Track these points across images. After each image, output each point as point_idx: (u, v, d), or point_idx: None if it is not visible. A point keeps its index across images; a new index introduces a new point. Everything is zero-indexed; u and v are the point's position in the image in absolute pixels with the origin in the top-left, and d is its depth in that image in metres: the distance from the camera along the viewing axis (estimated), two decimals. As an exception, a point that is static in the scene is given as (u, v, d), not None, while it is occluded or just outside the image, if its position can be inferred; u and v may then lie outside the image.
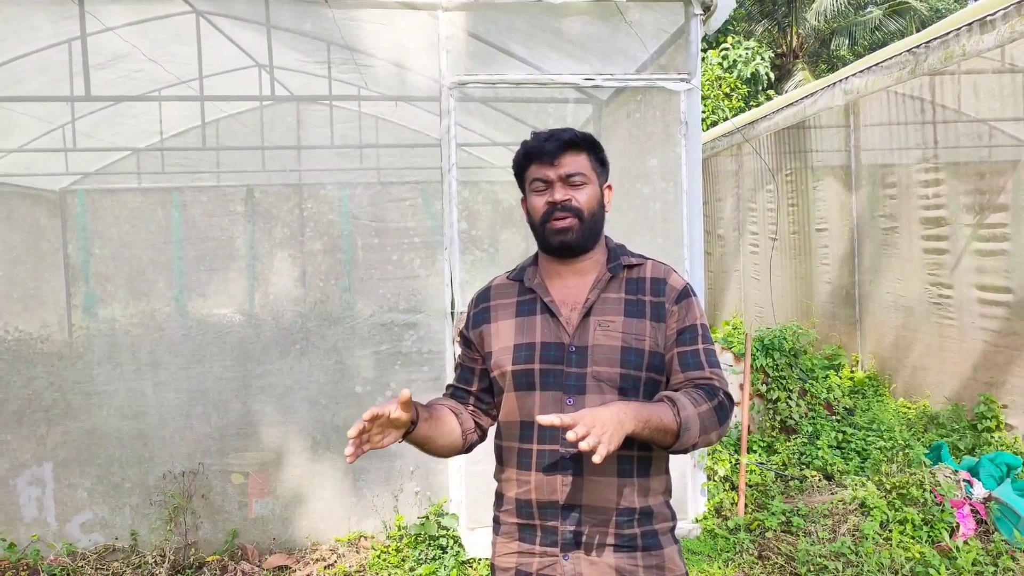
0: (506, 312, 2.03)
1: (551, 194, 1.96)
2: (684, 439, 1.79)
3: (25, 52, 5.67)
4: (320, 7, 4.55)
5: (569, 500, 1.89)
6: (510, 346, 1.97)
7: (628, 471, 1.91)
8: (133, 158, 8.40)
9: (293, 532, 4.75)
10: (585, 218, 1.96)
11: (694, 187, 4.67)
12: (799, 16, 20.24)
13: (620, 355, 1.90)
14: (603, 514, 1.89)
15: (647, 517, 1.93)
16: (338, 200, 6.11)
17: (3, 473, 4.71)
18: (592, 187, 1.98)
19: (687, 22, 4.56)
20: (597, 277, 1.99)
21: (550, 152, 1.96)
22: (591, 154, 2.01)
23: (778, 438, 5.90)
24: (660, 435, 1.76)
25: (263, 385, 4.92)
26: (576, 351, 1.91)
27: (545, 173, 1.96)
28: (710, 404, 1.85)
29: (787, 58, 20.34)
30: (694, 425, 1.79)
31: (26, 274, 7.62)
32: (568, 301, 1.98)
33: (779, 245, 9.28)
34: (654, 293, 1.97)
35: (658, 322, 1.94)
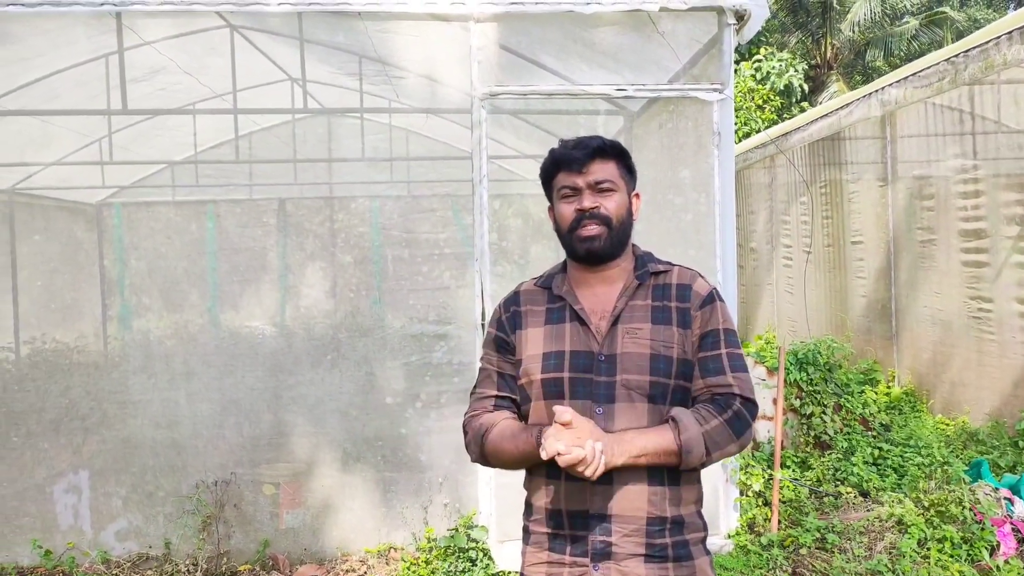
0: (535, 319, 2.01)
1: (579, 201, 1.95)
2: (688, 460, 1.82)
3: (64, 66, 5.79)
4: (353, 20, 4.59)
5: (599, 509, 1.86)
6: (539, 354, 1.96)
7: (658, 479, 1.88)
8: (168, 171, 8.53)
9: (323, 543, 4.75)
10: (613, 226, 1.94)
11: (727, 198, 4.61)
12: (833, 27, 20.06)
13: (649, 363, 1.88)
14: (633, 523, 1.86)
15: (678, 527, 1.90)
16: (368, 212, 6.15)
17: (40, 481, 4.77)
18: (620, 194, 1.97)
19: (720, 32, 4.52)
20: (625, 285, 1.98)
21: (578, 159, 1.95)
22: (619, 162, 1.99)
23: (812, 453, 5.79)
24: (662, 459, 1.82)
25: (294, 396, 4.94)
26: (605, 360, 1.90)
27: (573, 180, 1.95)
28: (720, 419, 1.85)
29: (821, 69, 20.15)
30: (696, 447, 1.82)
31: (63, 285, 7.75)
32: (597, 309, 1.96)
33: (813, 258, 9.16)
34: (680, 299, 1.96)
35: (685, 328, 1.93)
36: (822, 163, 9.15)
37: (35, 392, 4.90)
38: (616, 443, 1.78)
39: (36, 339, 6.71)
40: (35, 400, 4.85)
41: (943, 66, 5.34)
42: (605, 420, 1.86)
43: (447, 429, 4.74)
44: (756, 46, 17.38)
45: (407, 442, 4.83)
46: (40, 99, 6.10)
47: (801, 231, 9.66)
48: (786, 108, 16.72)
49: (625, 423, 1.86)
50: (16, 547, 4.69)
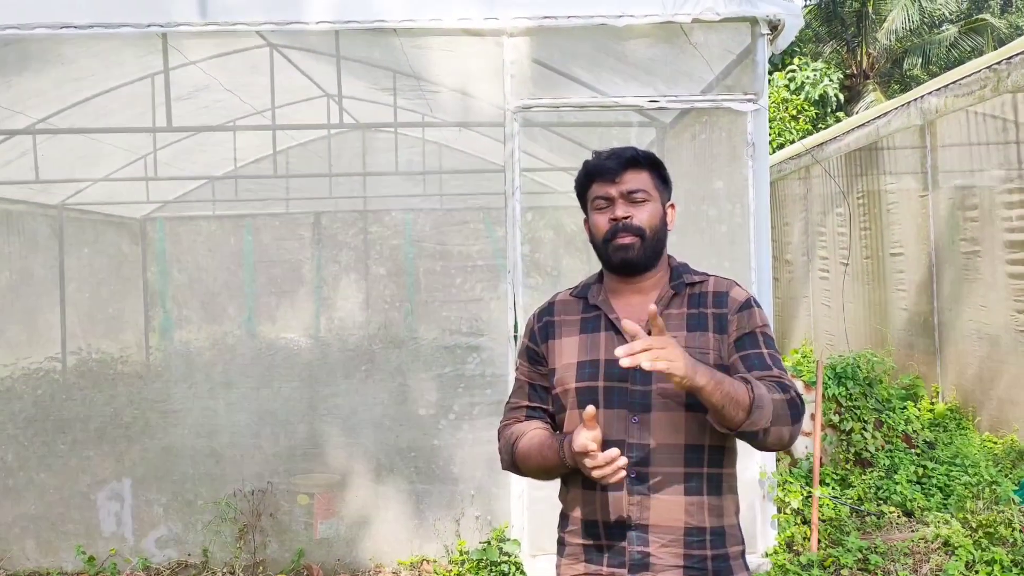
0: (570, 329, 2.01)
1: (613, 211, 1.94)
2: (755, 417, 1.71)
3: (113, 86, 5.98)
4: (389, 36, 4.66)
5: (636, 519, 1.85)
6: (574, 363, 1.95)
7: (696, 489, 1.86)
8: (209, 186, 8.73)
9: (357, 554, 4.78)
10: (647, 236, 1.94)
11: (762, 209, 4.58)
12: (869, 36, 19.81)
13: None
14: (671, 534, 1.84)
15: (719, 538, 1.87)
16: (402, 225, 6.23)
17: (85, 488, 4.88)
18: (654, 204, 1.97)
19: (753, 42, 4.51)
20: (660, 295, 1.97)
21: (612, 170, 1.95)
22: (653, 172, 1.99)
23: (852, 471, 5.68)
24: (731, 405, 1.70)
25: (329, 407, 5.00)
26: (641, 368, 1.89)
27: (607, 191, 1.96)
28: (783, 396, 1.78)
29: (857, 79, 19.89)
30: (767, 405, 1.73)
31: (109, 297, 7.96)
32: (632, 318, 1.94)
33: (851, 270, 9.02)
34: (716, 305, 1.94)
35: (721, 334, 1.91)
36: (859, 173, 9.03)
37: (81, 401, 5.03)
38: (699, 364, 1.69)
39: (82, 350, 6.90)
40: (81, 409, 4.98)
41: (985, 73, 5.25)
42: (641, 429, 1.85)
43: (480, 441, 4.75)
44: (790, 56, 17.24)
45: (440, 454, 4.85)
46: (91, 117, 6.30)
47: (838, 243, 9.53)
48: (821, 118, 16.53)
49: (662, 432, 1.85)
50: (61, 553, 4.80)
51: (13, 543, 4.79)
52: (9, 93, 5.39)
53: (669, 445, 1.86)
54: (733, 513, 1.93)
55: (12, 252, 7.50)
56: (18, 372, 5.39)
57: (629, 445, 1.85)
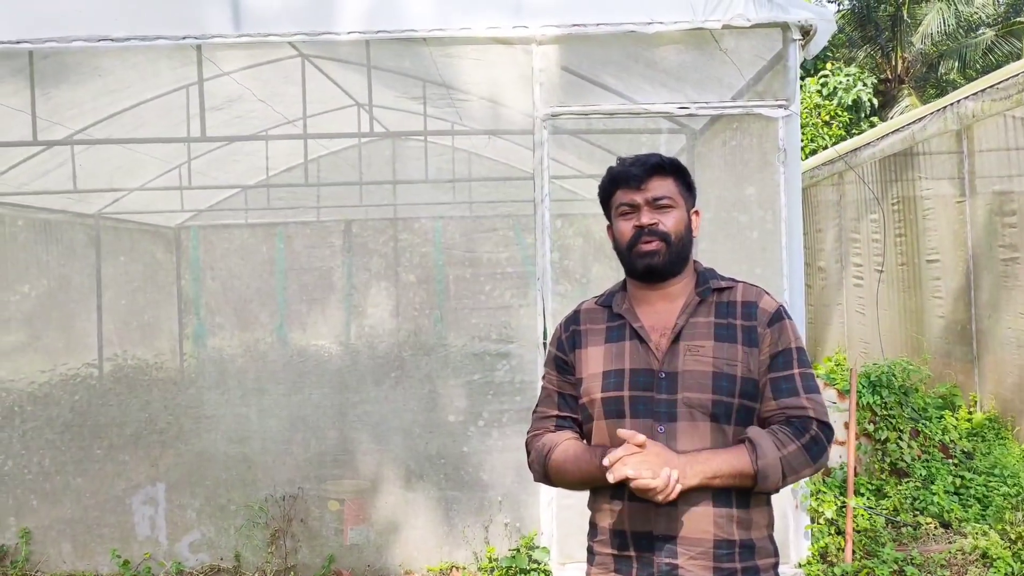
0: (596, 338, 2.01)
1: (638, 218, 1.94)
2: (763, 486, 1.80)
3: (149, 97, 6.09)
4: (419, 45, 4.70)
5: (664, 531, 1.84)
6: (599, 373, 1.95)
7: (725, 502, 1.84)
8: (242, 195, 8.84)
9: (387, 560, 4.80)
10: (672, 242, 1.93)
11: (794, 215, 4.54)
12: (904, 40, 19.53)
13: (712, 381, 1.85)
14: (700, 546, 1.83)
15: (749, 551, 1.86)
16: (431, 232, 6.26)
17: (120, 492, 4.96)
18: (679, 211, 1.96)
19: (785, 47, 4.47)
20: (686, 301, 1.95)
21: (636, 176, 1.95)
22: (677, 179, 1.99)
23: (888, 481, 5.58)
24: (738, 480, 1.79)
25: (359, 413, 5.03)
26: (666, 377, 1.88)
27: (632, 197, 1.95)
28: (798, 443, 1.81)
29: (891, 83, 19.62)
30: (773, 473, 1.79)
31: (144, 305, 8.09)
32: (657, 326, 1.94)
33: (886, 277, 8.88)
34: (745, 317, 1.92)
35: (750, 347, 1.89)
36: (894, 179, 8.90)
37: (117, 406, 5.11)
38: (690, 464, 1.76)
39: (118, 356, 7.00)
40: (117, 414, 5.05)
41: (1023, 77, 5.16)
42: (667, 439, 1.84)
43: (509, 448, 4.75)
44: (822, 61, 17.06)
45: (469, 460, 4.86)
46: (127, 128, 6.42)
47: (872, 249, 9.39)
48: (855, 124, 16.32)
49: (687, 442, 1.84)
50: (96, 556, 4.88)
51: (50, 546, 4.88)
52: (48, 104, 5.51)
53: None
54: (764, 526, 1.91)
55: (51, 260, 7.65)
56: (56, 378, 5.49)
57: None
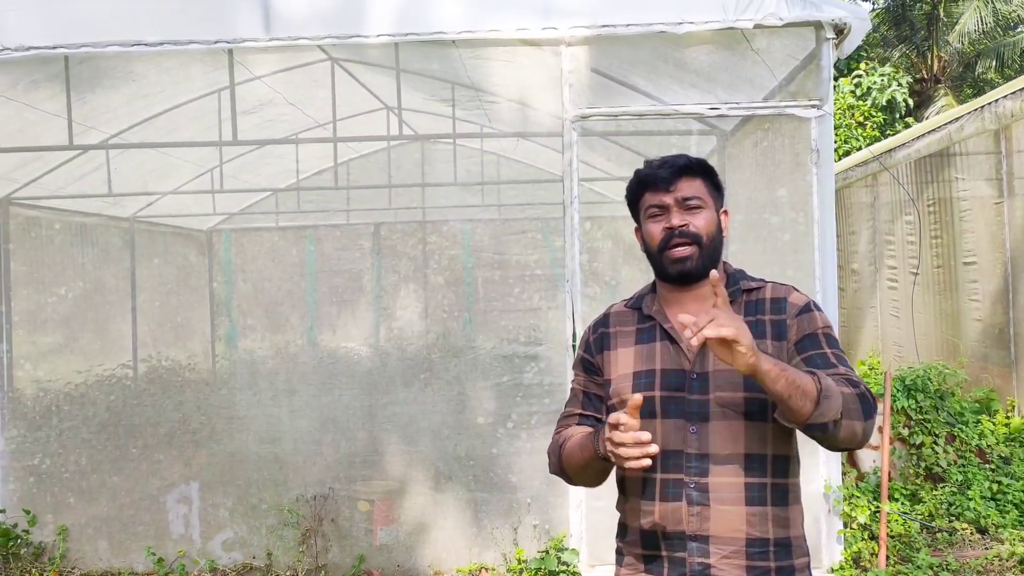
0: (626, 340, 1.99)
1: (668, 220, 1.92)
2: (824, 407, 1.65)
3: (181, 101, 6.18)
4: (448, 48, 4.72)
5: (696, 530, 1.82)
6: (629, 374, 1.94)
7: (758, 499, 1.82)
8: (272, 198, 8.94)
9: (416, 560, 4.82)
10: (704, 244, 1.91)
11: (826, 217, 4.48)
12: (940, 39, 19.21)
13: (743, 379, 1.81)
14: (732, 545, 1.81)
15: (784, 550, 1.83)
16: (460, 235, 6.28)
17: (154, 491, 5.03)
18: (709, 211, 1.94)
19: (818, 47, 4.42)
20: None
21: (665, 178, 1.92)
22: (706, 179, 1.96)
23: (923, 486, 5.49)
24: (798, 394, 1.64)
25: (388, 415, 5.05)
26: (698, 377, 1.86)
27: (661, 199, 1.93)
28: (853, 390, 1.71)
29: (927, 83, 19.30)
30: (835, 396, 1.66)
31: (177, 307, 8.21)
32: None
33: (921, 280, 8.73)
34: (774, 312, 1.90)
35: (779, 340, 1.87)
36: (930, 180, 8.75)
37: (151, 407, 5.19)
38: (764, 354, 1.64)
39: (152, 357, 7.12)
40: (151, 414, 5.13)
41: (1062, 75, 5.04)
42: (700, 439, 1.83)
43: (537, 450, 4.75)
44: (856, 61, 16.84)
45: (498, 462, 4.86)
46: (161, 132, 6.52)
47: (907, 251, 9.24)
48: (889, 124, 16.09)
49: (721, 441, 1.82)
50: (131, 553, 4.95)
51: (87, 543, 4.96)
52: (84, 109, 5.61)
53: (729, 455, 1.83)
54: (799, 524, 1.88)
55: (86, 263, 7.79)
56: (92, 379, 5.58)
57: (688, 455, 1.83)
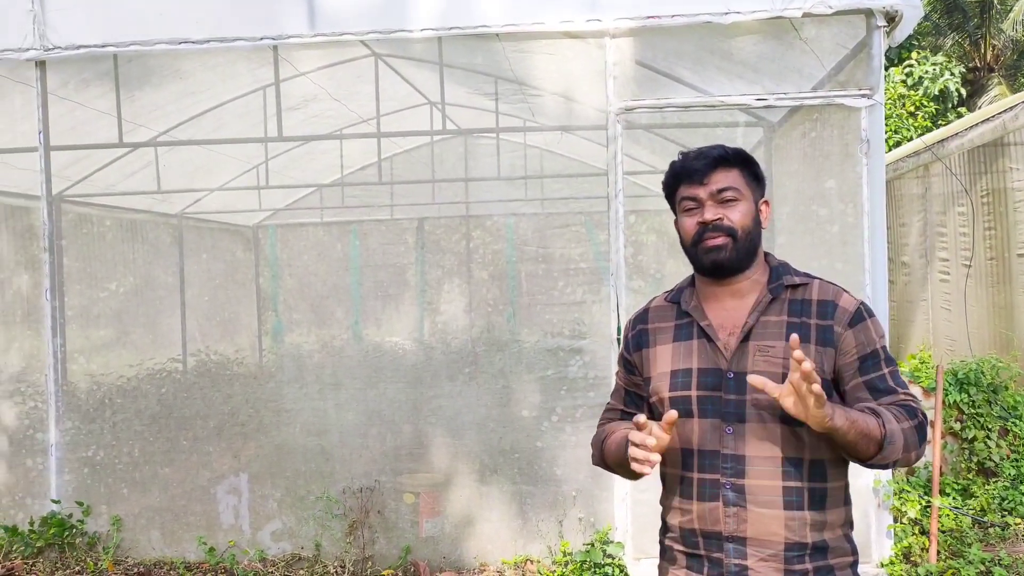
0: (664, 336, 1.97)
1: (701, 214, 1.88)
2: (887, 452, 1.70)
3: (228, 99, 6.29)
4: (491, 41, 4.72)
5: (733, 532, 1.80)
6: (667, 372, 1.92)
7: (796, 504, 1.79)
8: (317, 194, 9.05)
9: (462, 552, 4.85)
10: (739, 236, 1.86)
11: (876, 208, 4.39)
12: (994, 27, 18.67)
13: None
14: (770, 548, 1.79)
15: (821, 552, 1.80)
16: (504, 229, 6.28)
17: (205, 482, 5.13)
18: (746, 203, 1.89)
19: (868, 35, 4.34)
20: (757, 299, 1.89)
21: (699, 170, 1.89)
22: (743, 169, 1.92)
23: (975, 481, 5.37)
24: (864, 441, 1.69)
25: (433, 408, 5.09)
26: (734, 377, 1.83)
27: (695, 192, 1.89)
28: (912, 422, 1.75)
29: (980, 72, 18.78)
30: (898, 439, 1.71)
31: (225, 301, 8.37)
32: (726, 325, 1.89)
33: (974, 272, 8.52)
34: (820, 316, 1.85)
35: (824, 346, 1.82)
36: (983, 171, 8.52)
37: (201, 399, 5.29)
38: (837, 405, 1.69)
39: (201, 351, 7.27)
40: (201, 407, 5.23)
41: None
42: (735, 440, 1.80)
43: (582, 443, 4.74)
44: (907, 51, 16.46)
45: (543, 455, 4.86)
46: (207, 130, 6.64)
47: (960, 243, 9.02)
48: (941, 114, 15.70)
49: (757, 444, 1.80)
50: (183, 543, 5.06)
51: (140, 533, 5.07)
52: (133, 107, 5.73)
53: (765, 457, 1.80)
54: (839, 526, 1.84)
55: (136, 259, 7.98)
56: (143, 372, 5.71)
57: (724, 456, 1.81)
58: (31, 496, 5.09)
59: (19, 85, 5.11)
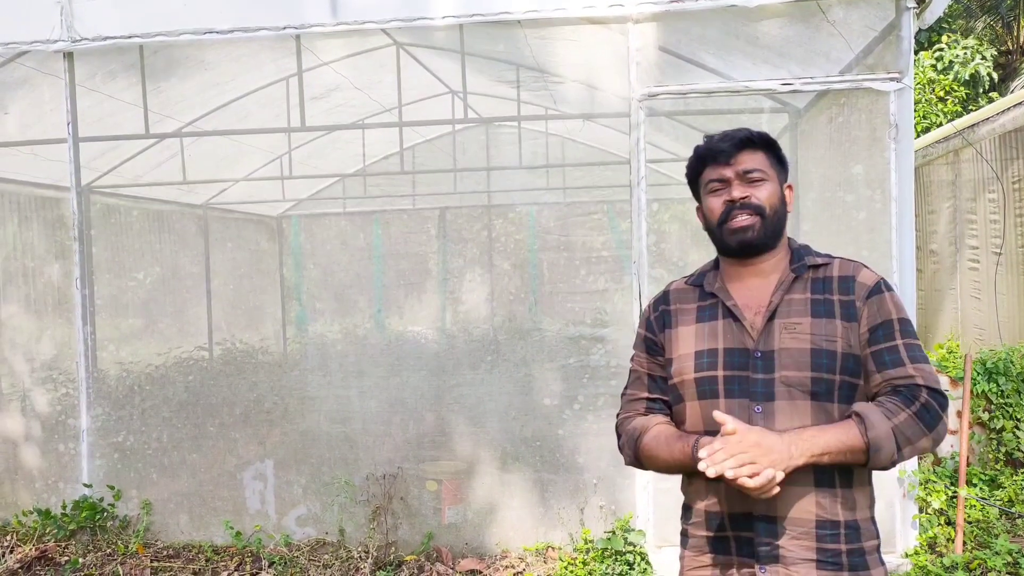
0: (686, 317, 1.96)
1: (728, 193, 1.89)
2: (877, 459, 1.70)
3: (251, 89, 6.32)
4: (513, 28, 4.70)
5: (763, 511, 1.79)
6: (691, 353, 1.91)
7: (828, 481, 1.79)
8: (340, 184, 9.09)
9: (484, 539, 4.87)
10: (767, 215, 1.87)
11: (905, 194, 4.33)
12: (1026, 9, 18.28)
13: (811, 358, 1.79)
14: (802, 526, 1.78)
15: (854, 533, 1.80)
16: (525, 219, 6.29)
17: (231, 468, 5.20)
18: (772, 184, 1.90)
19: (898, 17, 4.26)
20: (780, 278, 1.89)
21: (726, 152, 1.90)
22: (768, 152, 1.93)
23: (1003, 471, 5.30)
24: (849, 455, 1.71)
25: (455, 396, 5.11)
26: (762, 356, 1.82)
27: (721, 172, 1.90)
28: (908, 411, 1.72)
29: (1013, 56, 18.40)
30: (887, 444, 1.69)
31: (249, 291, 8.45)
32: (752, 305, 1.89)
33: (1005, 260, 8.37)
34: (843, 291, 1.85)
35: (849, 321, 1.82)
36: (1015, 156, 8.36)
37: (227, 387, 5.36)
38: (795, 443, 1.68)
39: (227, 340, 7.36)
40: (227, 394, 5.30)
41: None
42: (764, 419, 1.79)
43: (604, 431, 4.73)
44: (937, 34, 16.17)
45: (564, 443, 4.87)
46: (231, 120, 6.68)
47: (990, 231, 8.87)
48: (972, 99, 15.41)
49: (786, 421, 1.79)
50: (211, 527, 5.14)
51: (169, 517, 5.16)
52: (159, 98, 5.78)
53: None
54: (867, 507, 1.85)
55: (163, 249, 8.08)
56: (171, 360, 5.80)
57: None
58: (63, 480, 5.19)
59: (48, 77, 5.18)
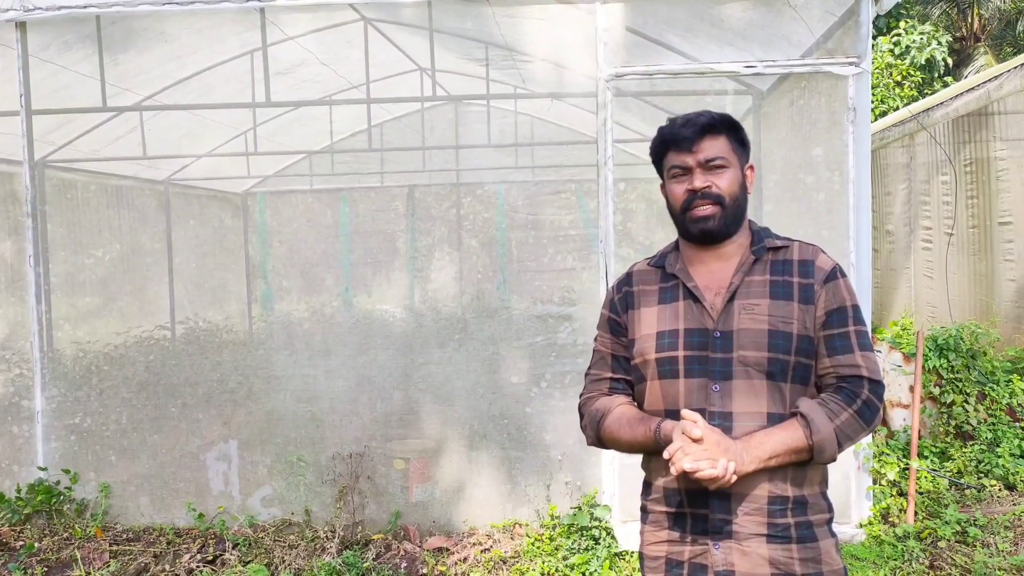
0: (648, 299, 2.00)
1: (690, 181, 1.92)
2: (820, 459, 1.83)
3: (214, 63, 6.21)
4: (481, 6, 4.69)
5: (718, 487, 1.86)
6: (653, 333, 1.95)
7: None
8: (307, 161, 8.99)
9: (451, 516, 4.92)
10: (727, 204, 1.92)
11: (862, 176, 4.43)
12: (981, -4, 18.62)
13: (767, 339, 1.85)
14: (754, 502, 1.85)
15: (801, 507, 1.87)
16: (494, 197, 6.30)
17: (194, 449, 5.16)
18: (733, 171, 1.94)
19: (857, 2, 4.34)
20: (741, 261, 1.95)
21: (688, 138, 1.92)
22: (730, 135, 1.96)
23: (953, 444, 5.49)
24: (795, 456, 1.82)
25: (423, 375, 5.12)
26: (721, 336, 1.88)
27: (683, 160, 1.93)
28: (850, 411, 1.83)
29: (967, 42, 18.77)
30: (829, 445, 1.82)
31: (213, 268, 8.34)
32: (712, 286, 1.94)
33: (956, 241, 8.62)
34: (802, 275, 1.92)
35: (806, 304, 1.89)
36: (967, 140, 8.58)
37: (190, 367, 5.29)
38: (745, 450, 1.78)
39: (189, 319, 7.26)
40: (190, 374, 5.23)
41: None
42: (722, 397, 1.85)
43: (570, 409, 4.80)
44: (895, 20, 16.42)
45: (531, 421, 4.93)
46: (194, 94, 6.55)
47: (943, 212, 9.10)
48: (928, 84, 15.72)
49: (742, 400, 1.85)
50: (173, 510, 5.09)
51: (129, 500, 5.07)
52: (116, 71, 5.63)
53: (751, 413, 1.86)
54: (818, 483, 1.92)
55: (123, 225, 7.92)
56: (131, 340, 5.69)
57: (711, 413, 1.86)
58: (17, 463, 5.08)
59: (-1, 47, 5.02)
